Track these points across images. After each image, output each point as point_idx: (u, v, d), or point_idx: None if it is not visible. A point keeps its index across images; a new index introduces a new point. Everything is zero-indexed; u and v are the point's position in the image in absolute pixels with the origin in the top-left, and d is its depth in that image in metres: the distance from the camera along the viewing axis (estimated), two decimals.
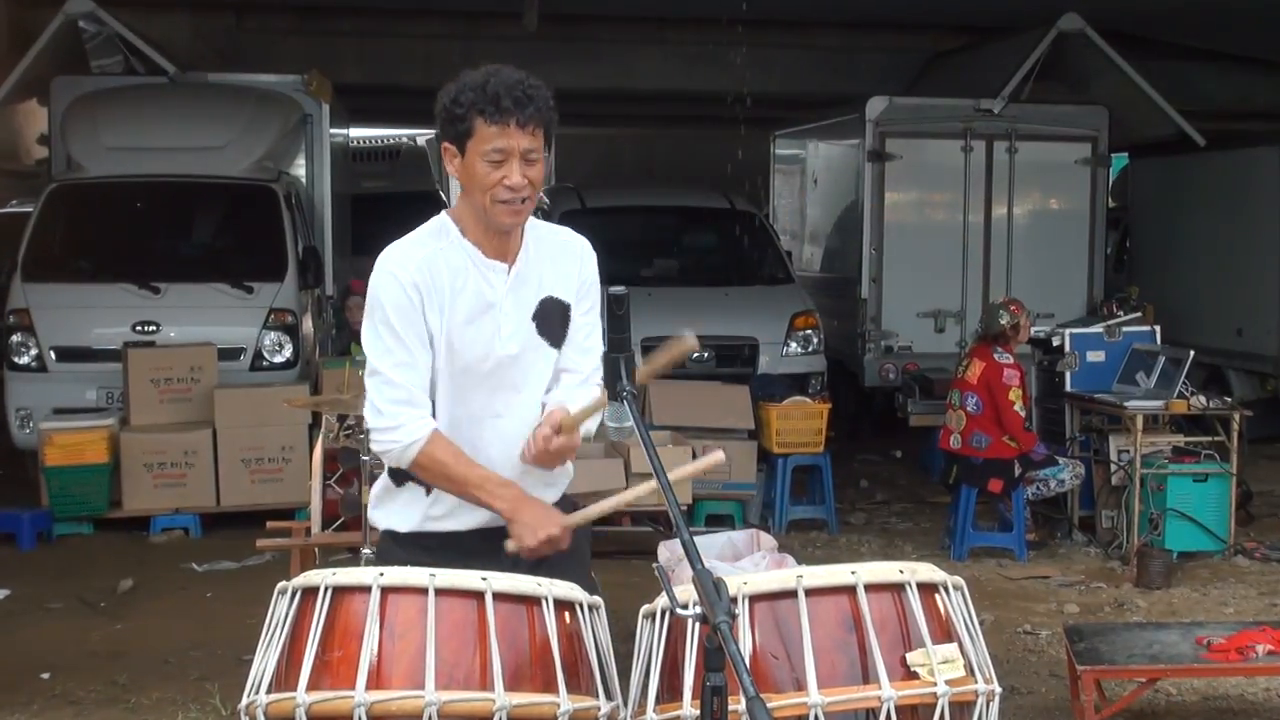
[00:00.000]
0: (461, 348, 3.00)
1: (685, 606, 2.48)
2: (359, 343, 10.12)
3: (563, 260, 3.12)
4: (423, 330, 2.97)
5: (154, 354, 9.04)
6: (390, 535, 3.12)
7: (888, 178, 11.25)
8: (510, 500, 2.98)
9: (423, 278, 2.96)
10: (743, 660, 2.26)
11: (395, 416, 2.96)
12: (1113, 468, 8.57)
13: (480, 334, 3.02)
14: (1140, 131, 12.00)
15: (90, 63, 11.01)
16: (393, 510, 3.11)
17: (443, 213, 3.11)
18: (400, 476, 3.08)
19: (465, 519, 3.06)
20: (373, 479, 5.47)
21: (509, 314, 3.04)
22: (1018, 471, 8.26)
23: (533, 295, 3.07)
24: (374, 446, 3.06)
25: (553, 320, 3.08)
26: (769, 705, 2.55)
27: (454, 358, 3.01)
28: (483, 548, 3.01)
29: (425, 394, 3.00)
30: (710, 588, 2.33)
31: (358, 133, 16.81)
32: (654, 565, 2.59)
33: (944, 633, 2.69)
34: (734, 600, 2.60)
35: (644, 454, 2.54)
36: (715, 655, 2.31)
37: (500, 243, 3.03)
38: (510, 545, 2.95)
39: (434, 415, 3.01)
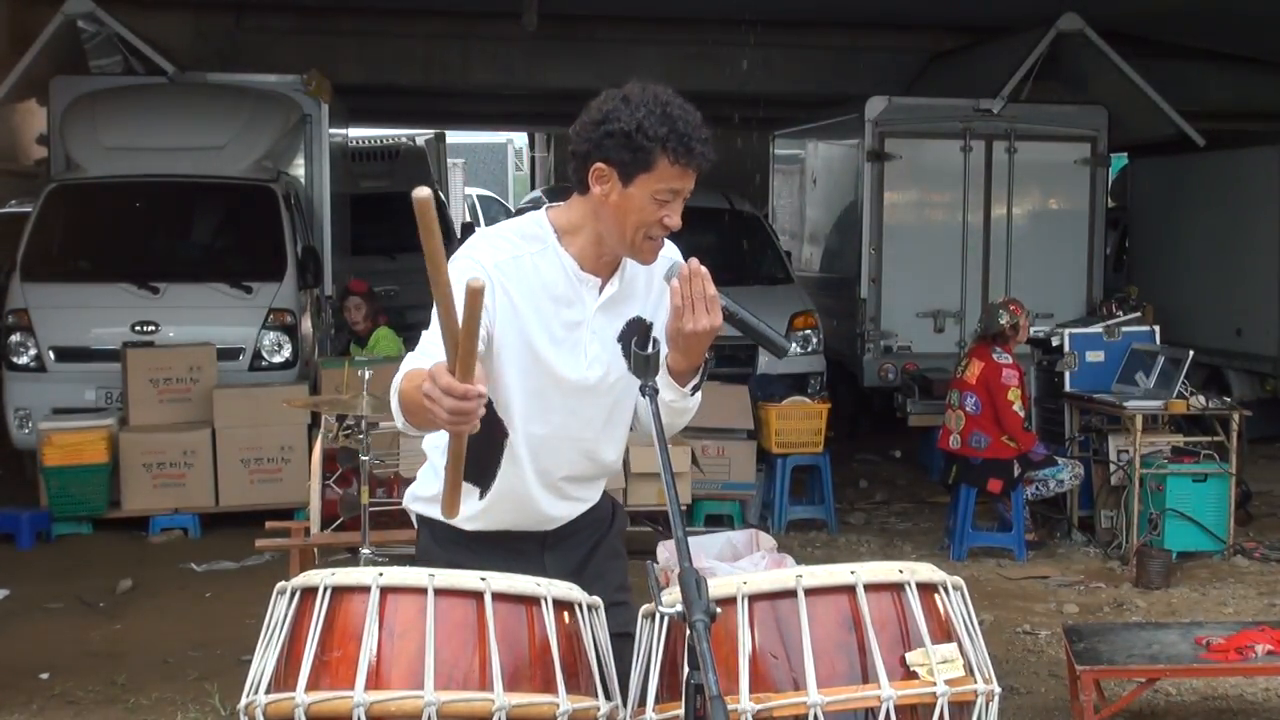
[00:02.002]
0: (541, 364, 2.88)
1: (669, 605, 2.49)
2: (359, 343, 10.19)
3: (640, 279, 2.99)
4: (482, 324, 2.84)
5: (153, 354, 9.03)
6: (429, 526, 3.05)
7: (887, 178, 11.25)
8: (412, 391, 2.64)
9: (503, 276, 2.84)
10: (711, 660, 2.27)
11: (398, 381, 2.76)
12: (1112, 468, 8.57)
13: (562, 352, 2.90)
14: (1140, 131, 11.99)
15: (89, 63, 11.01)
16: (434, 501, 2.97)
17: (542, 213, 2.96)
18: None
19: (510, 519, 3.00)
20: (373, 479, 5.49)
21: (596, 334, 2.92)
22: (1017, 471, 8.26)
23: (621, 315, 2.96)
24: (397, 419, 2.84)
25: (636, 339, 2.94)
26: (769, 705, 2.55)
27: (531, 374, 2.89)
28: (524, 547, 3.00)
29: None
30: (692, 586, 2.34)
31: (357, 133, 16.83)
32: (646, 563, 2.58)
33: (943, 633, 2.69)
34: (733, 600, 2.60)
35: (643, 454, 2.54)
36: (696, 653, 2.32)
37: (603, 261, 2.91)
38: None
39: (510, 432, 2.90)
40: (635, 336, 2.93)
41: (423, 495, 3.07)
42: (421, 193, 2.32)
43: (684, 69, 14.61)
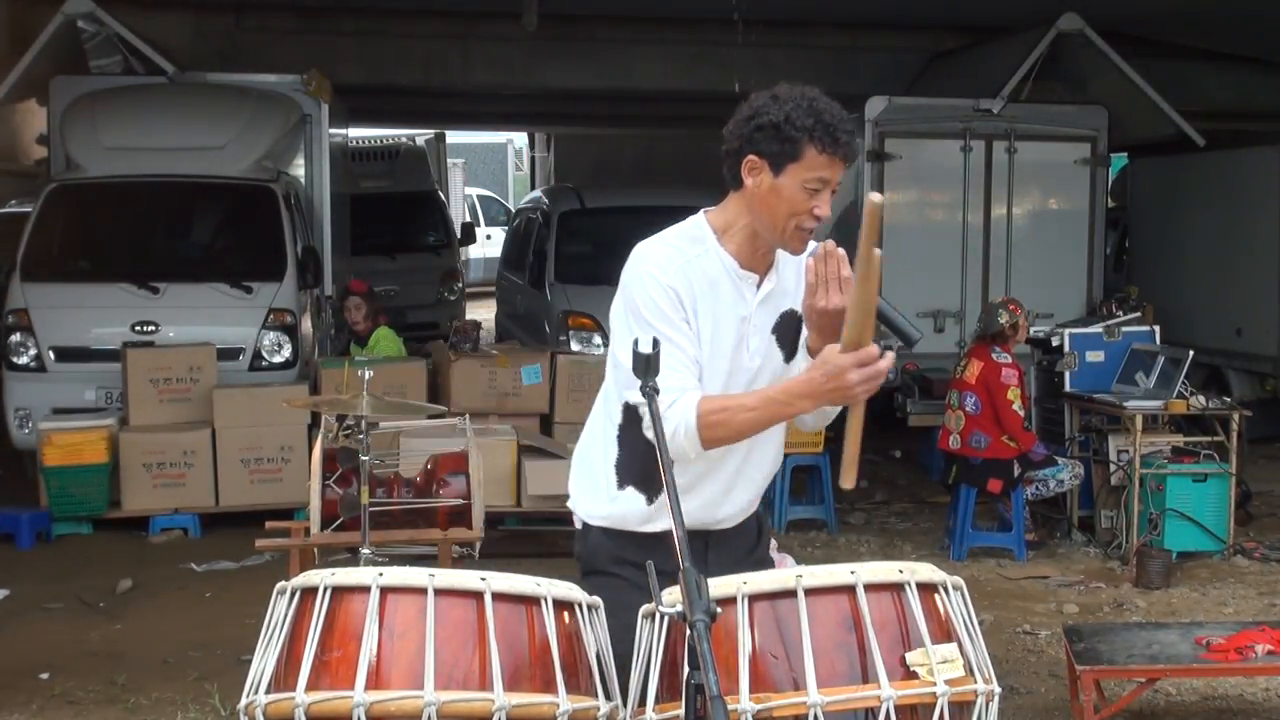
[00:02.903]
0: (718, 361, 3.02)
1: (669, 605, 2.49)
2: (359, 343, 10.18)
3: (789, 273, 3.12)
4: (687, 328, 2.96)
5: (153, 354, 9.03)
6: (599, 530, 3.11)
7: (887, 178, 11.24)
8: (800, 387, 2.90)
9: (681, 283, 2.96)
10: (711, 660, 2.27)
11: (667, 400, 2.87)
12: (1112, 468, 8.57)
13: (727, 346, 3.03)
14: (1140, 131, 11.99)
15: (89, 63, 11.01)
16: (603, 507, 3.12)
17: (699, 215, 3.09)
18: (624, 478, 3.08)
19: (686, 517, 3.02)
20: (373, 479, 5.48)
21: (756, 327, 3.06)
22: (1017, 471, 8.26)
23: (775, 308, 3.09)
24: (667, 450, 2.92)
25: (789, 333, 3.10)
26: (769, 705, 2.55)
27: (711, 372, 3.02)
28: (691, 545, 3.01)
29: (696, 379, 2.97)
30: (692, 586, 2.35)
31: (357, 133, 16.83)
32: (647, 563, 2.59)
33: (943, 633, 2.69)
34: (733, 600, 2.60)
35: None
36: (696, 653, 2.33)
37: (759, 256, 3.05)
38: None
39: None
40: (790, 329, 3.09)
41: (592, 502, 3.15)
42: (875, 198, 2.75)
43: (684, 69, 14.62)
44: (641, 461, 3.01)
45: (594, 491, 3.15)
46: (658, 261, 2.98)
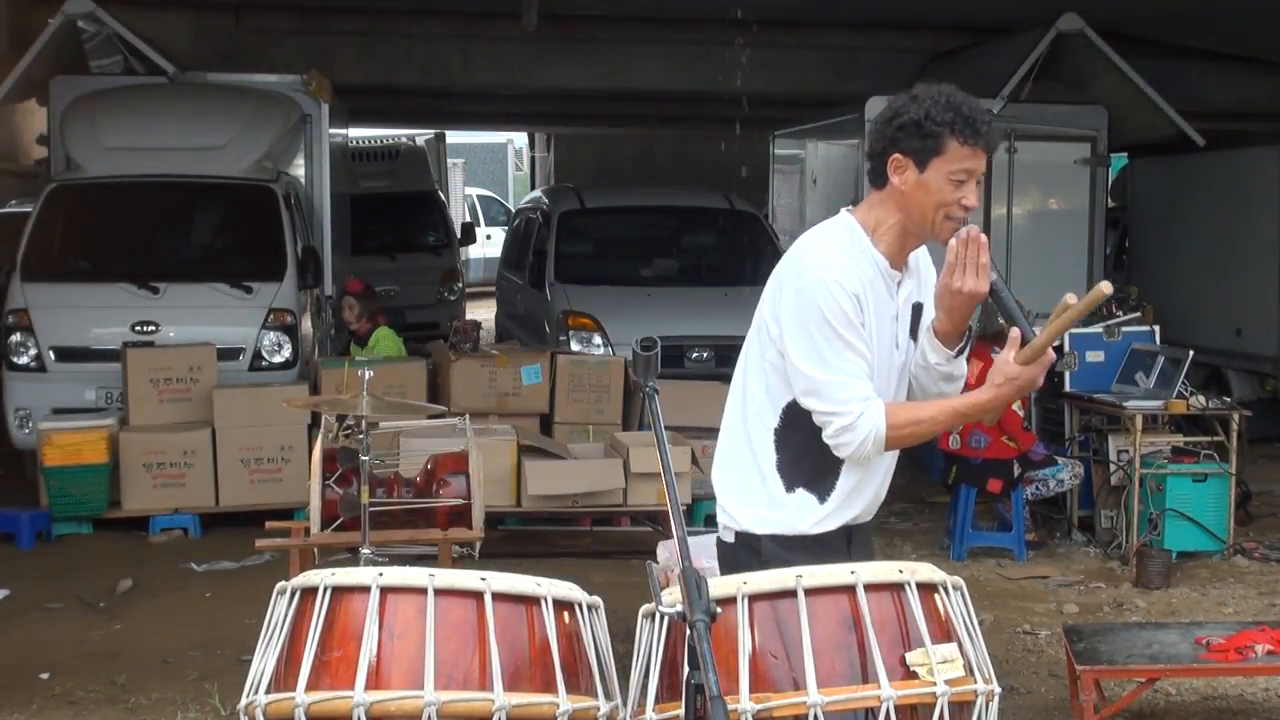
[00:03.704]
0: (882, 358, 3.12)
1: (670, 605, 2.49)
2: (359, 343, 10.16)
3: (925, 267, 3.25)
4: (862, 329, 3.03)
5: (153, 354, 9.03)
6: (770, 539, 3.12)
7: None
8: (987, 401, 3.07)
9: (859, 288, 3.04)
10: (711, 660, 2.28)
11: (848, 412, 2.99)
12: (1112, 468, 8.57)
13: (885, 345, 3.13)
14: (1140, 131, 11.98)
15: (89, 63, 11.00)
16: (774, 513, 3.13)
17: (846, 216, 3.16)
18: (794, 481, 3.11)
19: (849, 513, 3.18)
20: (373, 479, 5.48)
21: (901, 324, 3.18)
22: (1017, 471, 8.25)
23: (908, 303, 3.20)
24: (843, 452, 3.05)
25: (915, 324, 3.21)
26: (769, 704, 2.55)
27: (876, 369, 3.10)
28: (837, 543, 3.16)
29: (872, 385, 3.05)
30: (692, 586, 2.35)
31: (357, 133, 16.83)
32: (646, 563, 2.59)
33: (943, 633, 2.69)
34: (733, 600, 2.60)
35: (643, 454, 2.54)
36: (697, 653, 2.33)
37: (903, 254, 3.15)
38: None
39: None
40: (916, 320, 3.21)
41: (762, 510, 3.14)
42: (1105, 288, 2.95)
43: (684, 69, 14.61)
44: (809, 462, 3.08)
45: (758, 499, 3.15)
46: (839, 268, 3.02)
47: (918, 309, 3.21)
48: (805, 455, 3.08)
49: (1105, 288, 2.99)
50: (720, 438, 3.26)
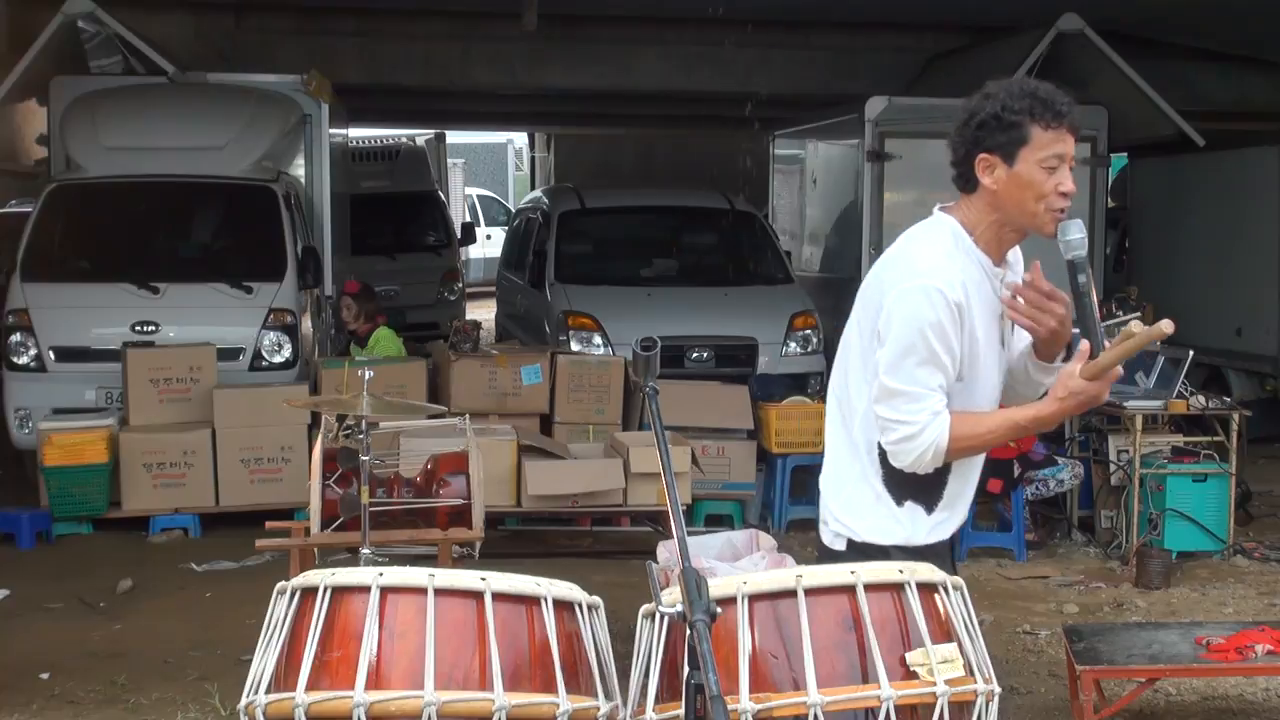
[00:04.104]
0: (979, 362, 3.07)
1: (670, 605, 2.49)
2: (359, 343, 10.16)
3: (1017, 264, 3.21)
4: (957, 349, 2.99)
5: (153, 354, 9.03)
6: (895, 551, 3.08)
7: (887, 178, 11.23)
8: (1049, 414, 3.01)
9: (962, 298, 2.99)
10: (711, 659, 2.28)
11: (915, 422, 2.97)
12: (1112, 468, 8.57)
13: (994, 344, 3.11)
14: (1140, 131, 11.99)
15: (89, 63, 11.00)
16: (892, 526, 3.11)
17: (943, 216, 3.13)
18: (901, 494, 3.09)
19: (955, 524, 3.17)
20: (373, 479, 5.47)
21: (1007, 321, 3.14)
22: (1017, 471, 8.25)
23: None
24: (900, 460, 3.04)
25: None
26: (769, 704, 2.55)
27: (972, 373, 3.07)
28: (945, 551, 3.15)
29: (945, 400, 3.01)
30: (692, 586, 2.35)
31: (357, 133, 16.83)
32: (646, 563, 2.59)
33: (943, 632, 2.69)
34: (733, 600, 2.60)
35: (643, 454, 2.54)
36: (697, 653, 2.33)
37: (1003, 251, 3.12)
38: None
39: None
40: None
41: (881, 524, 3.12)
42: (1167, 327, 2.91)
43: (684, 69, 14.62)
44: (916, 475, 3.06)
45: (874, 514, 3.13)
46: (944, 276, 2.98)
47: None
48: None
49: (1167, 327, 2.96)
50: (827, 448, 3.26)
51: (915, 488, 3.09)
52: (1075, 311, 3.05)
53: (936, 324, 2.95)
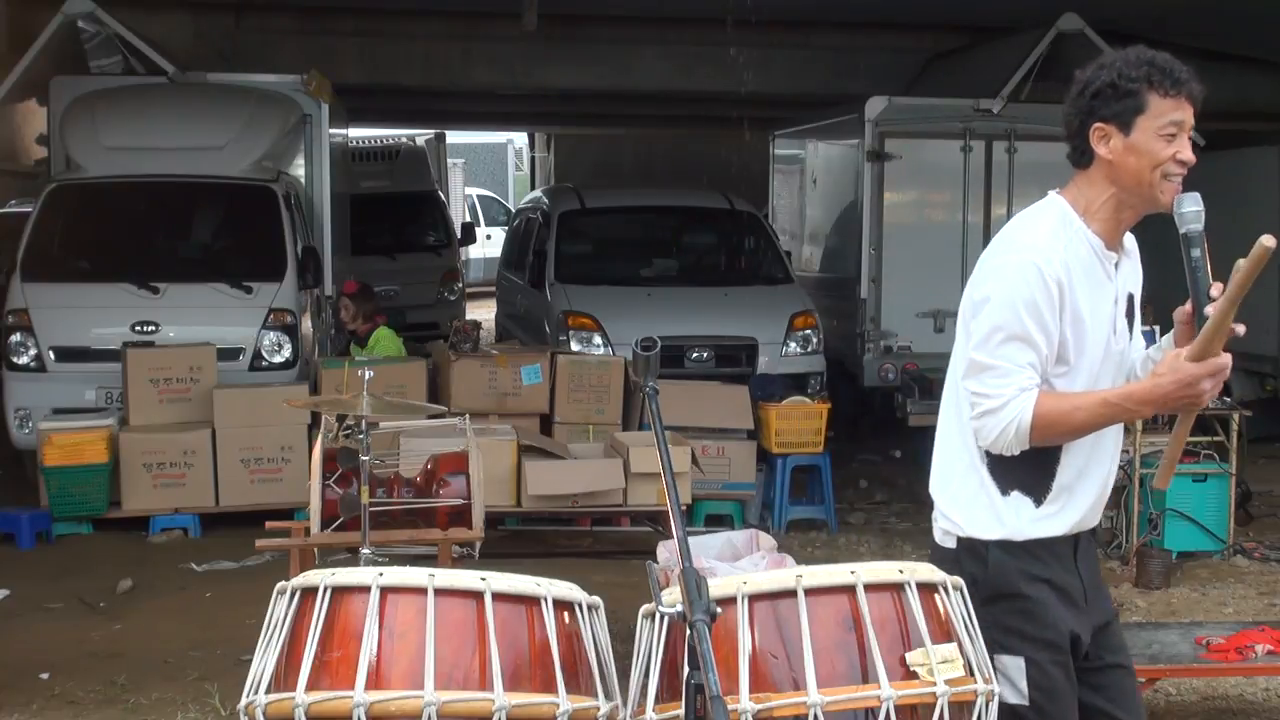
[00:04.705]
0: (1085, 347, 2.97)
1: (669, 605, 2.49)
2: (359, 343, 10.16)
3: (1134, 252, 3.13)
4: (1054, 330, 2.91)
5: (153, 354, 9.03)
6: (997, 546, 3.00)
7: (887, 178, 11.24)
8: (1144, 393, 2.89)
9: (1064, 274, 2.91)
10: (711, 660, 2.27)
11: (998, 396, 2.89)
12: None
13: (1103, 330, 3.00)
14: None
15: (89, 63, 11.00)
16: (995, 519, 3.01)
17: (1054, 197, 3.06)
18: (1007, 483, 3.00)
19: (1071, 518, 3.02)
20: (373, 479, 5.48)
21: (1120, 306, 3.05)
22: None
23: (1125, 288, 3.08)
24: (983, 438, 2.95)
25: (1130, 311, 3.10)
26: (769, 704, 2.55)
27: (1077, 358, 2.97)
28: (1064, 551, 3.02)
29: (1038, 380, 2.92)
30: (692, 586, 2.34)
31: (357, 133, 16.83)
32: (646, 563, 2.59)
33: (943, 633, 2.69)
34: (733, 600, 2.60)
35: (643, 454, 2.54)
36: (697, 653, 2.32)
37: (1118, 233, 3.03)
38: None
39: None
40: (1130, 307, 3.09)
41: (985, 516, 3.03)
42: (1269, 241, 2.86)
43: (684, 69, 14.62)
44: (1023, 463, 2.96)
45: (978, 506, 3.03)
46: (1043, 252, 2.91)
47: (1130, 299, 3.10)
48: (1020, 457, 2.95)
49: (1269, 241, 2.88)
50: (937, 441, 3.17)
51: (1023, 476, 2.97)
52: (1189, 287, 2.99)
53: (1030, 300, 2.88)
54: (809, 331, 10.58)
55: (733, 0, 11.74)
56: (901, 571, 2.71)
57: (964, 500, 3.06)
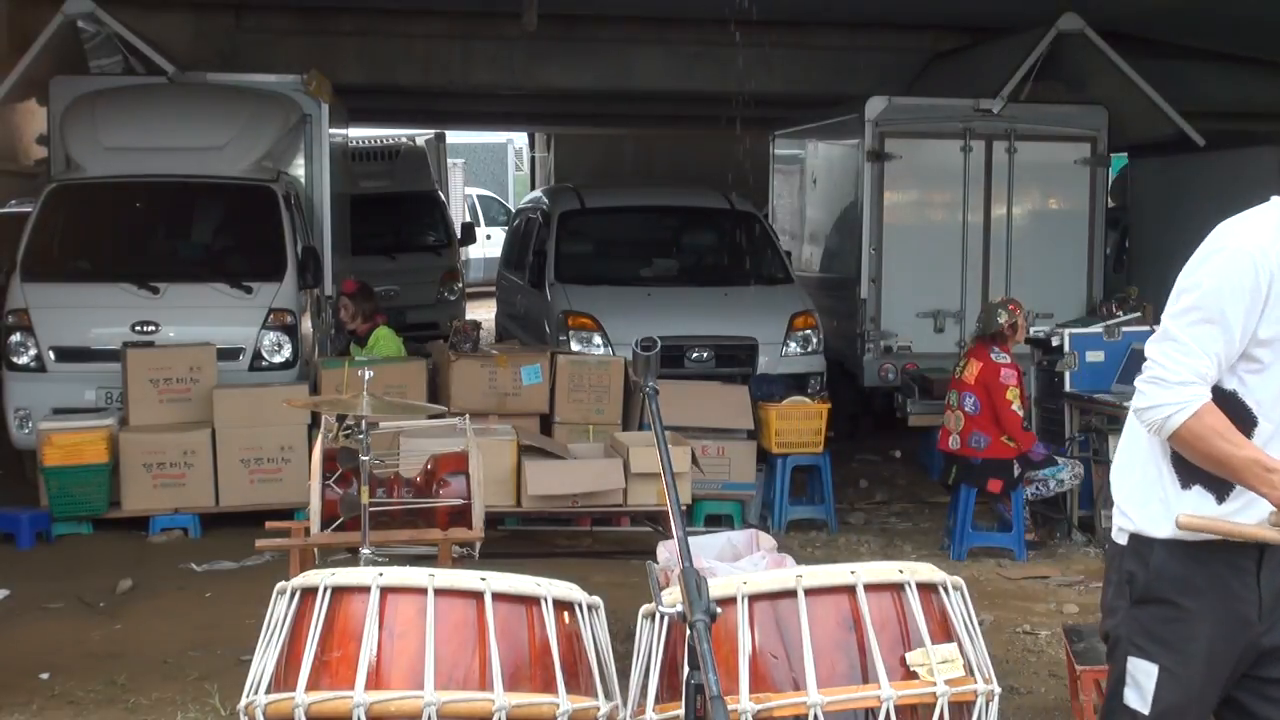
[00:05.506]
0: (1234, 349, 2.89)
1: (669, 605, 2.49)
2: (359, 343, 10.17)
3: None
4: (1251, 324, 2.85)
5: (153, 354, 9.03)
6: (1164, 546, 2.91)
7: (887, 178, 11.25)
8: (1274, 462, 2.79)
9: (1275, 270, 2.86)
10: (711, 660, 2.28)
11: (1178, 376, 2.82)
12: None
13: None
14: (1140, 131, 11.99)
15: (89, 63, 11.00)
16: (1162, 514, 2.92)
17: (1278, 200, 3.00)
18: (1189, 476, 2.91)
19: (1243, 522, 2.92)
20: (373, 479, 5.48)
21: None
22: (1017, 471, 8.25)
23: None
24: (1139, 407, 2.90)
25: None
26: (769, 704, 2.55)
27: (1276, 360, 2.90)
28: (1244, 563, 2.90)
29: (1214, 376, 2.86)
30: (692, 586, 2.35)
31: (357, 133, 16.83)
32: (646, 563, 2.59)
33: (943, 633, 2.69)
34: (733, 600, 2.60)
35: (643, 454, 2.53)
36: (697, 653, 2.32)
37: None
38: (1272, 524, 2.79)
39: (1259, 420, 2.90)
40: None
41: (1157, 511, 2.94)
42: None
43: (684, 69, 14.62)
44: None
45: (1153, 499, 2.94)
46: (1259, 242, 2.87)
47: None
48: None
49: None
50: (1123, 435, 3.11)
51: (1205, 471, 2.88)
52: None
53: (1237, 287, 2.85)
54: (809, 331, 10.59)
55: (733, 0, 11.75)
56: (901, 571, 2.71)
57: (1140, 493, 2.99)
